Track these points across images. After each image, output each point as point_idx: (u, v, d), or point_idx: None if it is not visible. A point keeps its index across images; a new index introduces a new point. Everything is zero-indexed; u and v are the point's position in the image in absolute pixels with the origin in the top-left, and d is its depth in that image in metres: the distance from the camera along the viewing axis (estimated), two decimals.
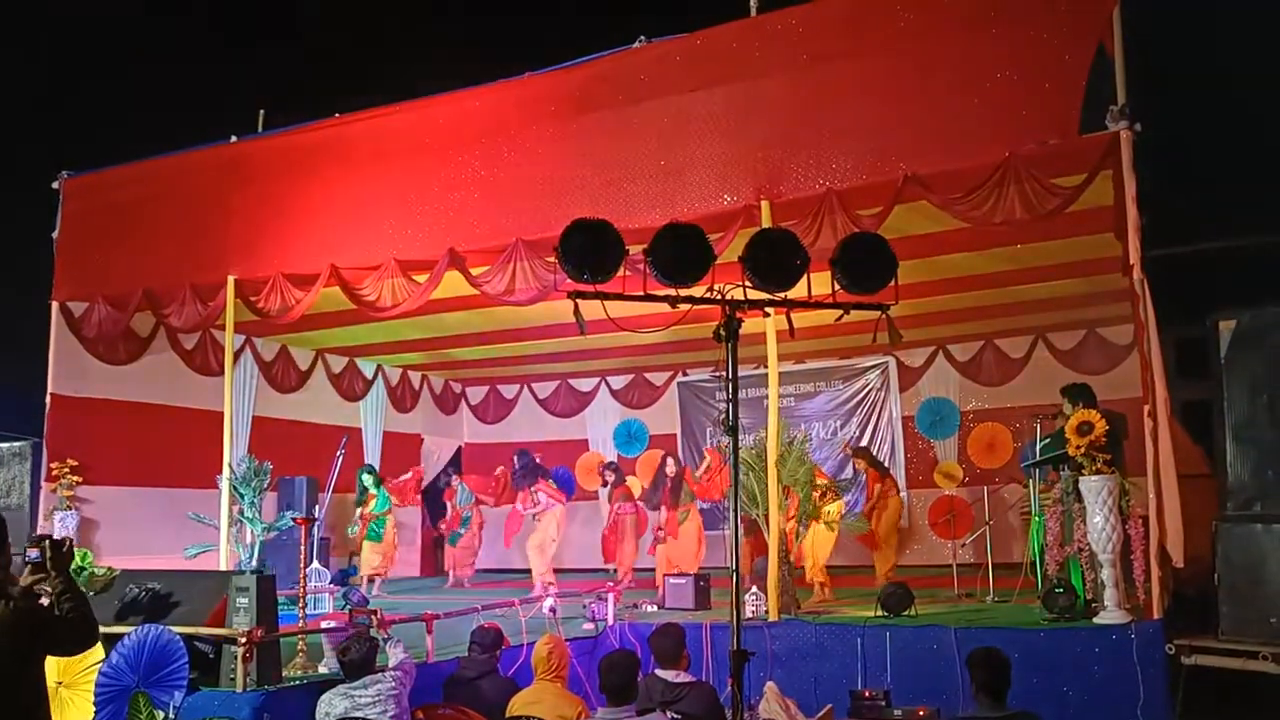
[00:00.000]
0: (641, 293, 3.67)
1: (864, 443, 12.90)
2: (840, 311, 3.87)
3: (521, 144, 8.45)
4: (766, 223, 7.27)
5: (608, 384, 14.89)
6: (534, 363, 14.02)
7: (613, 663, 4.95)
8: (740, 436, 3.91)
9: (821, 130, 7.43)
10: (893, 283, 3.80)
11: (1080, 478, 6.44)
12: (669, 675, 5.19)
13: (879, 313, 3.91)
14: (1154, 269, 6.52)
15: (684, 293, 3.74)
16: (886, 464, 12.64)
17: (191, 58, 15.10)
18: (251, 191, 9.60)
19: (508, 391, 15.52)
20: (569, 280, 3.80)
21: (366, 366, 13.76)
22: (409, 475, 13.00)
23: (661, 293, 3.73)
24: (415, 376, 14.79)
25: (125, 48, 14.73)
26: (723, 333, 3.69)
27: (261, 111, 9.92)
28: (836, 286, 3.83)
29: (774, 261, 3.76)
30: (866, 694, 5.73)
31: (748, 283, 3.76)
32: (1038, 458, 7.96)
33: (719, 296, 3.70)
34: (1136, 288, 6.37)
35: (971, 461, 12.36)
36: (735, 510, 3.71)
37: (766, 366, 7.54)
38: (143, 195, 10.18)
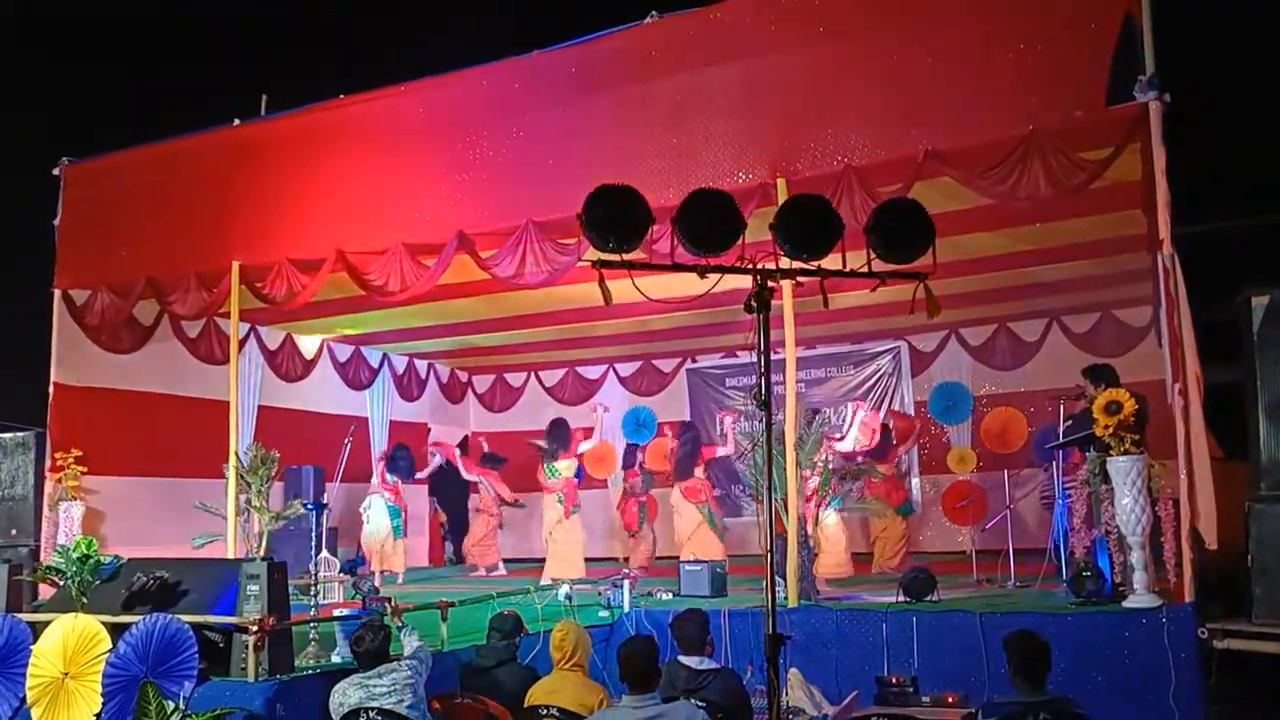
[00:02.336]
0: (670, 262, 3.51)
1: None
2: (876, 282, 3.71)
3: (530, 124, 8.26)
4: (783, 200, 7.11)
5: (615, 371, 14.73)
6: (541, 350, 13.87)
7: (632, 650, 4.74)
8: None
9: (839, 106, 7.25)
10: (931, 250, 3.64)
11: (1108, 459, 6.29)
12: (692, 662, 5.04)
13: (916, 282, 3.75)
14: (1176, 247, 6.33)
15: (713, 263, 3.58)
16: None
17: (193, 40, 14.93)
18: (255, 176, 9.42)
19: (515, 379, 15.39)
20: (587, 256, 3.66)
21: (372, 355, 13.64)
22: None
23: (690, 262, 3.57)
24: (422, 365, 14.66)
25: (127, 32, 14.56)
26: (754, 304, 3.53)
27: (264, 95, 9.75)
28: (872, 255, 3.67)
29: (807, 229, 3.60)
30: (894, 680, 5.59)
31: (779, 251, 3.60)
32: (1061, 440, 7.80)
33: (750, 266, 3.54)
34: (1166, 263, 6.19)
35: (985, 446, 12.19)
36: (769, 491, 3.56)
37: (782, 349, 7.38)
38: (145, 181, 10.01)
